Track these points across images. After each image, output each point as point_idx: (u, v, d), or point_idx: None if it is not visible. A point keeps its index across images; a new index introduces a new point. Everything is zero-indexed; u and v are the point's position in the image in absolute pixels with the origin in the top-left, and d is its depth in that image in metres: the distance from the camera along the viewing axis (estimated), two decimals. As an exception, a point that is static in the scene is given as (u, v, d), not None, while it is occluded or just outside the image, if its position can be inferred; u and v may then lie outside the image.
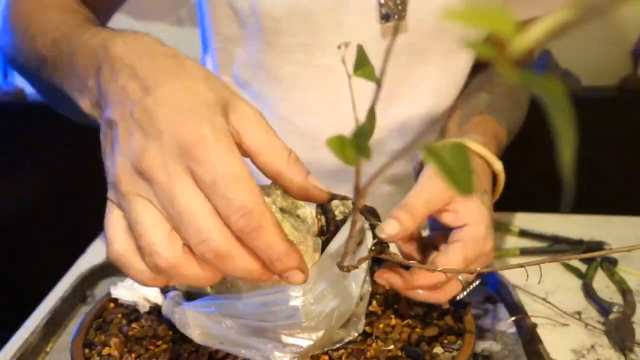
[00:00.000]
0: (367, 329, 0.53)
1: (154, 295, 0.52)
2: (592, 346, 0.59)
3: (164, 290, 0.53)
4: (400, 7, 0.66)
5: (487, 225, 0.48)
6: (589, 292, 0.68)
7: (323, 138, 0.68)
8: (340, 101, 0.72)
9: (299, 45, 0.69)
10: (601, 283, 0.71)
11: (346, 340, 0.51)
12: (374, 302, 0.57)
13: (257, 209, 0.30)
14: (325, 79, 0.71)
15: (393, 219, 0.46)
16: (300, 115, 0.75)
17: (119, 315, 0.55)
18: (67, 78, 0.41)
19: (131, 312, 0.55)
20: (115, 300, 0.57)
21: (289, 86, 0.73)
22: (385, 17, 0.67)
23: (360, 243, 0.51)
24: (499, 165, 0.56)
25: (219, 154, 0.31)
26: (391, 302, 0.57)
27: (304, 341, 0.46)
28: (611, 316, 0.62)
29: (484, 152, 0.55)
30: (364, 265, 0.51)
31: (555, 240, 0.80)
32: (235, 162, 0.31)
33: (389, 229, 0.46)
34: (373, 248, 0.47)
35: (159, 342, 0.52)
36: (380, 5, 0.66)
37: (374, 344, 0.51)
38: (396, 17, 0.67)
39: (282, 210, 0.45)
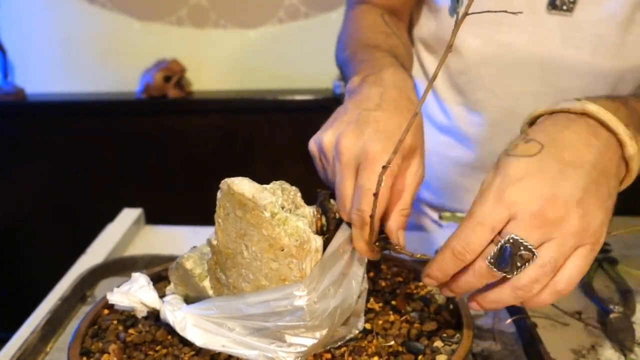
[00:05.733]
0: (367, 325, 0.53)
1: (151, 300, 0.52)
2: (592, 346, 0.59)
3: (162, 295, 0.53)
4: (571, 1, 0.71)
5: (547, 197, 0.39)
6: (589, 292, 0.68)
7: (490, 114, 0.82)
8: (511, 79, 0.78)
9: (486, 21, 0.75)
10: (601, 283, 0.71)
11: (347, 337, 0.51)
12: (372, 300, 0.57)
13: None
14: (501, 55, 0.77)
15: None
16: (472, 89, 0.82)
17: (115, 322, 0.54)
18: (352, 67, 0.65)
19: (127, 318, 0.55)
20: (109, 307, 0.56)
21: (467, 59, 0.80)
22: (552, 5, 0.71)
23: None
24: (632, 148, 0.43)
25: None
26: (388, 298, 0.57)
27: (308, 340, 0.46)
28: (611, 316, 0.62)
29: (606, 117, 0.43)
30: (363, 264, 0.51)
31: (555, 240, 0.80)
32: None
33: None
34: (377, 243, 0.48)
35: (158, 347, 0.51)
36: None
37: (374, 341, 0.51)
38: (564, 7, 0.71)
39: (283, 209, 0.45)
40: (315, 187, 0.53)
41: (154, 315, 0.54)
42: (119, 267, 0.72)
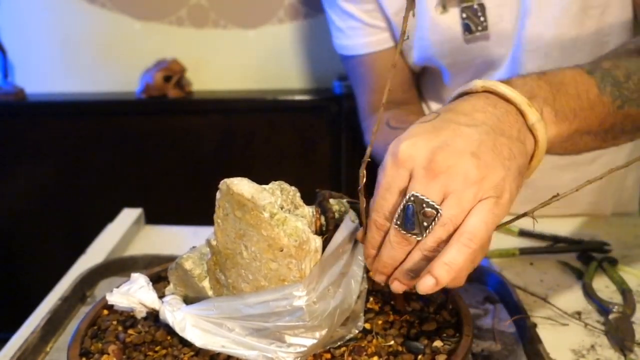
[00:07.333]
0: (367, 325, 0.53)
1: (150, 300, 0.52)
2: (592, 346, 0.59)
3: (161, 295, 0.53)
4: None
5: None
6: (589, 292, 0.68)
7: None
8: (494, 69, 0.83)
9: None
10: (601, 283, 0.71)
11: (347, 337, 0.51)
12: (371, 300, 0.57)
13: None
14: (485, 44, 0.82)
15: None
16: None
17: (114, 322, 0.55)
18: None
19: (126, 319, 0.55)
20: (109, 307, 0.56)
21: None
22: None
23: (356, 241, 0.51)
24: (533, 115, 0.44)
25: None
26: (388, 298, 0.57)
27: (308, 340, 0.46)
28: (611, 316, 0.62)
29: (503, 89, 0.44)
30: (362, 264, 0.51)
31: (555, 240, 0.80)
32: None
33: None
34: None
35: (158, 348, 0.51)
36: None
37: (374, 341, 0.51)
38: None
39: (283, 209, 0.45)
40: (315, 187, 0.53)
41: (153, 316, 0.54)
42: (118, 267, 0.72)
